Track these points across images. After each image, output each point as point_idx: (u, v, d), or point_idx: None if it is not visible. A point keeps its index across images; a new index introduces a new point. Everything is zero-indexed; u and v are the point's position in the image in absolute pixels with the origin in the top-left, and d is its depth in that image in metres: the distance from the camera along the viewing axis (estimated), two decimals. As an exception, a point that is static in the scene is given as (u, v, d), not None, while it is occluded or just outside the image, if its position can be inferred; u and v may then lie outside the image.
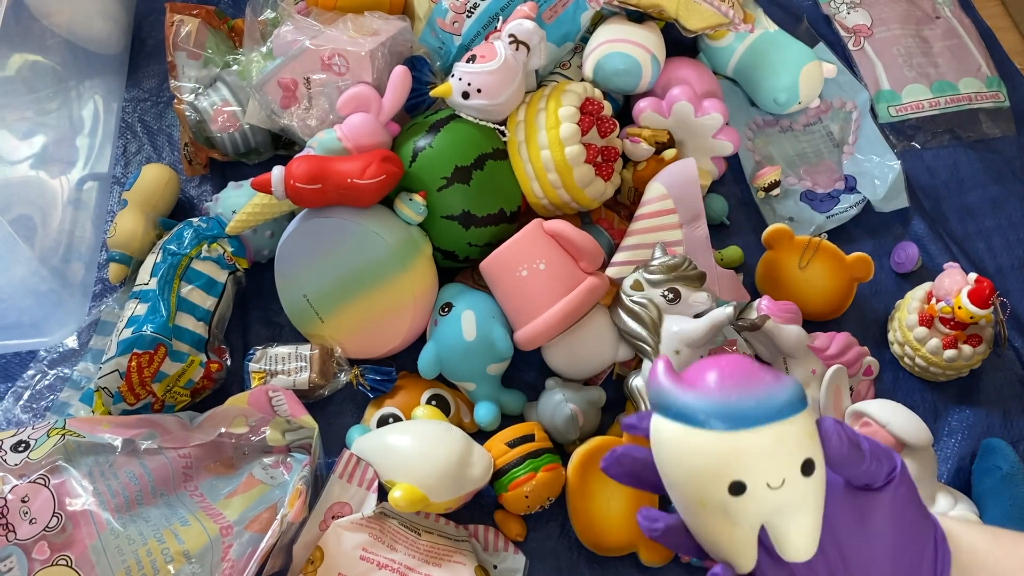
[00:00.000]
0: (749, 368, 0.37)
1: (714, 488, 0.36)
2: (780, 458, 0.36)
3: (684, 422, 0.37)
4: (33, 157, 0.73)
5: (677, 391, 0.37)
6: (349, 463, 0.62)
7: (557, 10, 0.75)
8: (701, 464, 0.36)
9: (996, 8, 1.01)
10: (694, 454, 0.37)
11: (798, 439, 0.36)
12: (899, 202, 0.80)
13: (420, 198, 0.67)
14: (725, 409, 0.36)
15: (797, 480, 0.36)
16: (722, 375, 0.37)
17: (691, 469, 0.37)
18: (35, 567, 0.52)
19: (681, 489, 0.38)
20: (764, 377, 0.37)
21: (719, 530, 0.38)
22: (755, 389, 0.36)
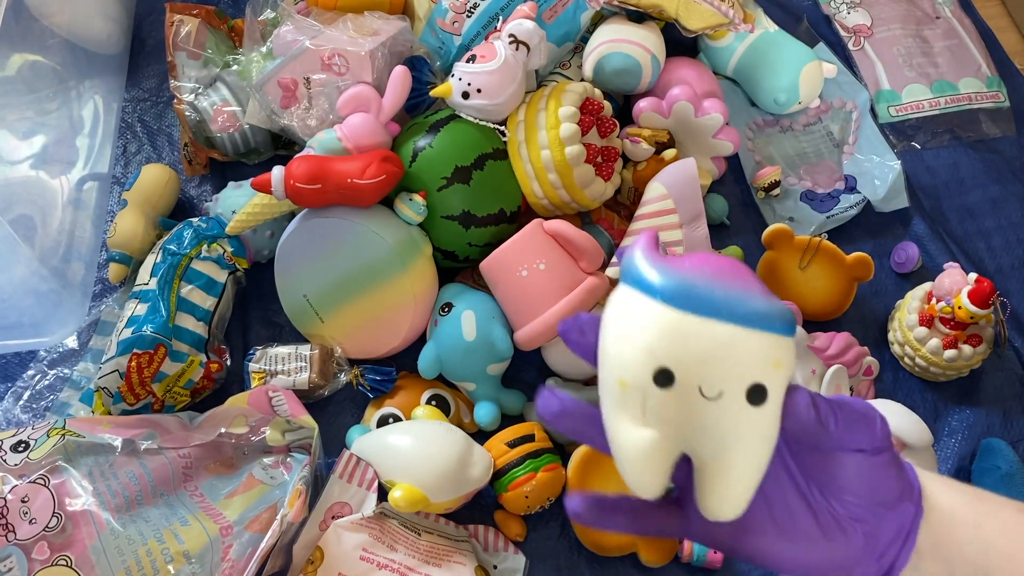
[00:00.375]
0: (742, 272, 0.31)
1: (639, 367, 0.30)
2: (724, 365, 0.30)
3: (639, 289, 0.31)
4: (33, 157, 0.73)
5: (647, 261, 0.32)
6: (349, 463, 0.62)
7: (557, 10, 0.75)
8: (635, 335, 0.30)
9: (996, 8, 1.01)
10: (633, 322, 0.31)
11: (756, 356, 0.30)
12: (899, 202, 0.80)
13: (420, 198, 0.67)
14: (685, 288, 0.30)
15: (738, 404, 0.30)
16: (706, 262, 0.31)
17: (624, 338, 0.31)
18: (35, 567, 0.52)
19: (608, 361, 0.32)
20: (752, 284, 0.31)
21: (628, 428, 0.31)
22: (732, 285, 0.30)
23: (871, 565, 0.34)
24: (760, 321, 0.30)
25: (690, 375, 0.30)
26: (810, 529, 0.33)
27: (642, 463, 0.31)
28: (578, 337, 0.34)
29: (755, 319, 0.30)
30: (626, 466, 0.32)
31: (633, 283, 0.31)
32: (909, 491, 0.34)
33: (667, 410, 0.31)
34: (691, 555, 0.64)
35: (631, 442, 0.31)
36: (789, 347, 0.31)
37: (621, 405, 0.31)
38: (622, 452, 0.32)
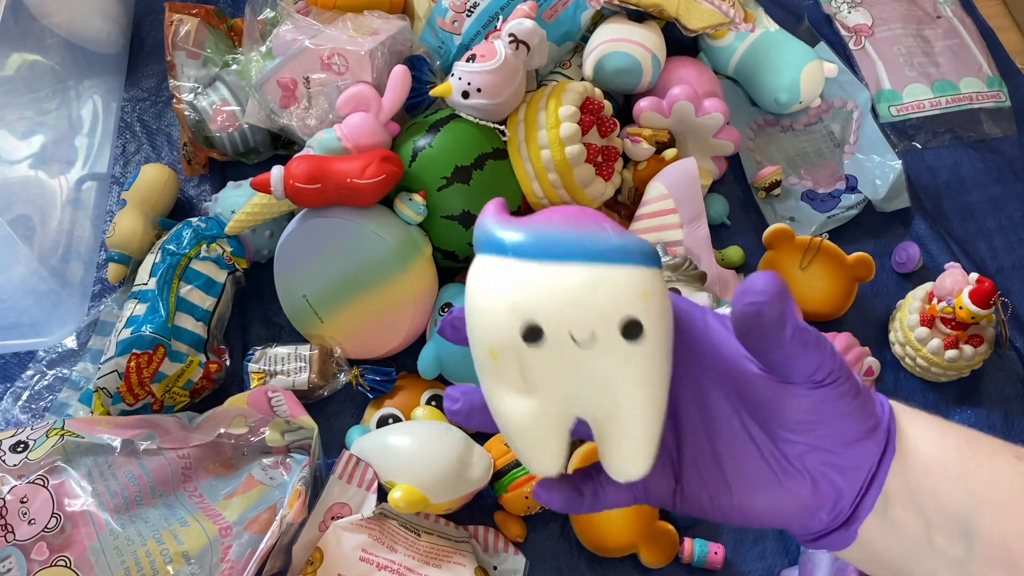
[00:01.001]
0: (594, 214, 0.29)
1: (505, 329, 0.28)
2: (590, 306, 0.28)
3: (491, 252, 0.29)
4: (32, 157, 0.73)
5: (495, 223, 0.30)
6: (349, 464, 0.62)
7: (557, 9, 0.75)
8: (495, 298, 0.28)
9: (997, 8, 1.01)
10: (490, 285, 0.29)
11: (620, 290, 0.28)
12: (900, 202, 0.80)
13: (420, 198, 0.67)
14: (534, 237, 0.28)
15: (615, 343, 0.28)
16: (553, 211, 0.29)
17: (485, 304, 0.29)
18: (34, 568, 0.52)
19: (475, 333, 0.30)
20: (604, 224, 0.29)
21: (509, 401, 0.29)
22: (582, 227, 0.28)
23: (826, 511, 0.30)
24: (616, 255, 0.28)
25: (559, 325, 0.28)
26: (761, 478, 0.31)
27: (531, 436, 0.29)
28: (453, 334, 0.32)
29: (611, 254, 0.28)
30: (516, 442, 0.30)
31: (485, 248, 0.30)
32: (874, 428, 0.30)
33: (545, 370, 0.28)
34: (691, 556, 0.64)
35: (514, 415, 0.29)
36: (654, 277, 0.29)
37: (497, 376, 0.29)
38: (508, 428, 0.30)
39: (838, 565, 0.60)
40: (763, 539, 0.66)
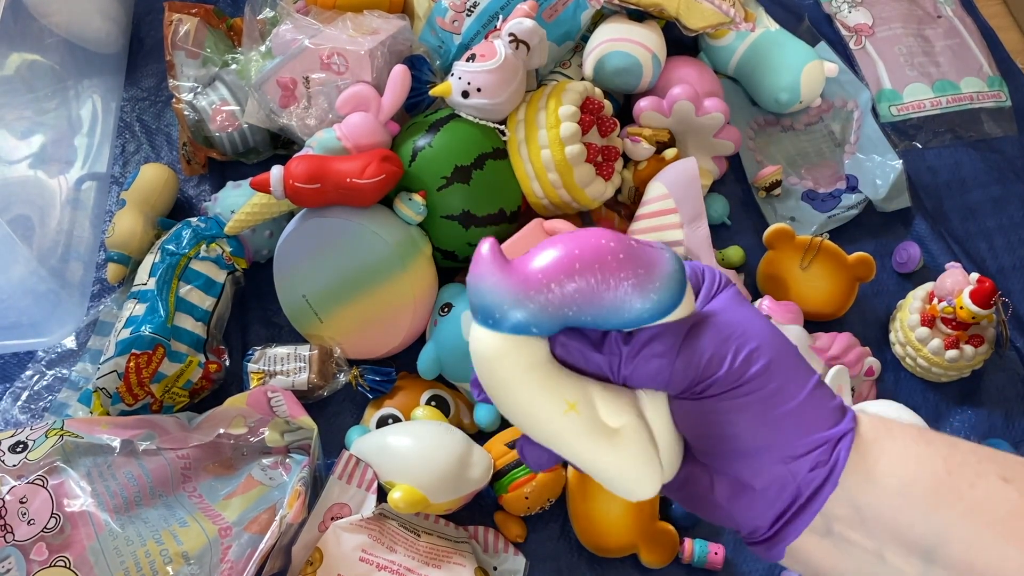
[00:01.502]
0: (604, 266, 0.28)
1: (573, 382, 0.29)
2: None
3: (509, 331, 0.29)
4: (31, 157, 0.73)
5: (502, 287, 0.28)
6: (348, 464, 0.62)
7: (557, 9, 0.75)
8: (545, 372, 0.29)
9: (998, 7, 1.01)
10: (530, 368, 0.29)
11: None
12: (901, 202, 0.80)
13: (420, 198, 0.67)
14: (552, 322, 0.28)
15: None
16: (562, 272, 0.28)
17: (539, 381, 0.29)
18: (33, 568, 0.52)
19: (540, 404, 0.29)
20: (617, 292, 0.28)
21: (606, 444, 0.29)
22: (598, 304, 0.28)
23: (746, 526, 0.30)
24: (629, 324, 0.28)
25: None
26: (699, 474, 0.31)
27: (643, 457, 0.30)
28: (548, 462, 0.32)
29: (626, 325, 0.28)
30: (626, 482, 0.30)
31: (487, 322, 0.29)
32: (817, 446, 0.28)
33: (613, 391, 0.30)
34: (692, 556, 0.63)
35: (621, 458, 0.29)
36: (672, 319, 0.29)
37: (580, 429, 0.29)
38: (616, 473, 0.30)
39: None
40: (763, 539, 0.66)
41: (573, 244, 0.28)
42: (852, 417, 0.30)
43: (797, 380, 0.29)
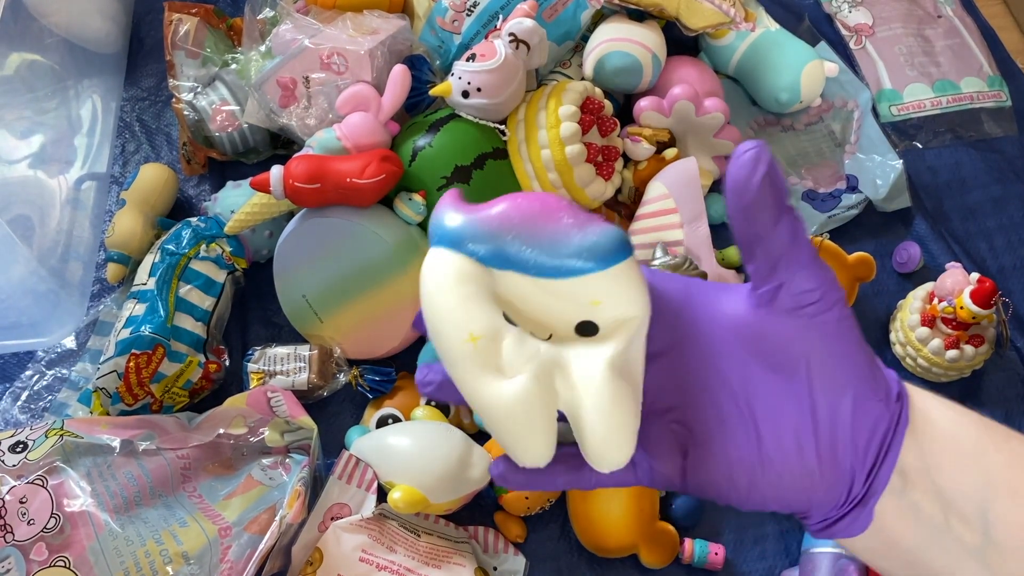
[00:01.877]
0: (553, 211, 0.29)
1: (487, 314, 0.29)
2: (542, 312, 0.30)
3: (451, 248, 0.30)
4: (31, 157, 0.73)
5: (450, 214, 0.30)
6: (348, 464, 0.62)
7: (557, 9, 0.75)
8: (466, 289, 0.29)
9: (998, 7, 1.01)
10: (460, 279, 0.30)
11: (570, 302, 0.29)
12: (901, 202, 0.80)
13: (420, 198, 0.67)
14: (491, 248, 0.29)
15: (572, 339, 0.30)
16: (513, 210, 0.29)
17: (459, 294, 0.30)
18: (33, 568, 0.52)
19: (449, 323, 0.30)
20: (561, 224, 0.29)
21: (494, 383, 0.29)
22: (537, 234, 0.29)
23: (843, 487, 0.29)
24: (566, 270, 0.29)
25: (520, 323, 0.30)
26: (776, 454, 0.29)
27: (522, 418, 0.29)
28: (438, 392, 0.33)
29: (562, 270, 0.29)
30: (505, 426, 0.29)
31: (446, 243, 0.30)
32: (886, 395, 0.29)
33: (528, 348, 0.29)
34: (692, 556, 0.63)
35: (506, 395, 0.29)
36: (610, 278, 0.29)
37: (476, 362, 0.29)
38: (501, 411, 0.29)
39: (839, 565, 0.60)
40: (763, 540, 0.66)
41: (525, 194, 0.30)
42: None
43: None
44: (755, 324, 0.30)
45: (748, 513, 0.67)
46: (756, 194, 0.27)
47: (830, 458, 0.29)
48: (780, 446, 0.30)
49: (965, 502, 0.28)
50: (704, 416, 0.31)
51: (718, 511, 0.67)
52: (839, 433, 0.29)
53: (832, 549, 0.61)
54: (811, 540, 0.63)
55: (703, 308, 0.31)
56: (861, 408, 0.29)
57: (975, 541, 0.28)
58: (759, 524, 0.67)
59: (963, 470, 0.29)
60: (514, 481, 0.32)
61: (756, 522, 0.67)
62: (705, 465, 0.31)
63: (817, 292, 0.29)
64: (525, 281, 0.29)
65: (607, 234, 0.29)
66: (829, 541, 0.61)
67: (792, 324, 0.29)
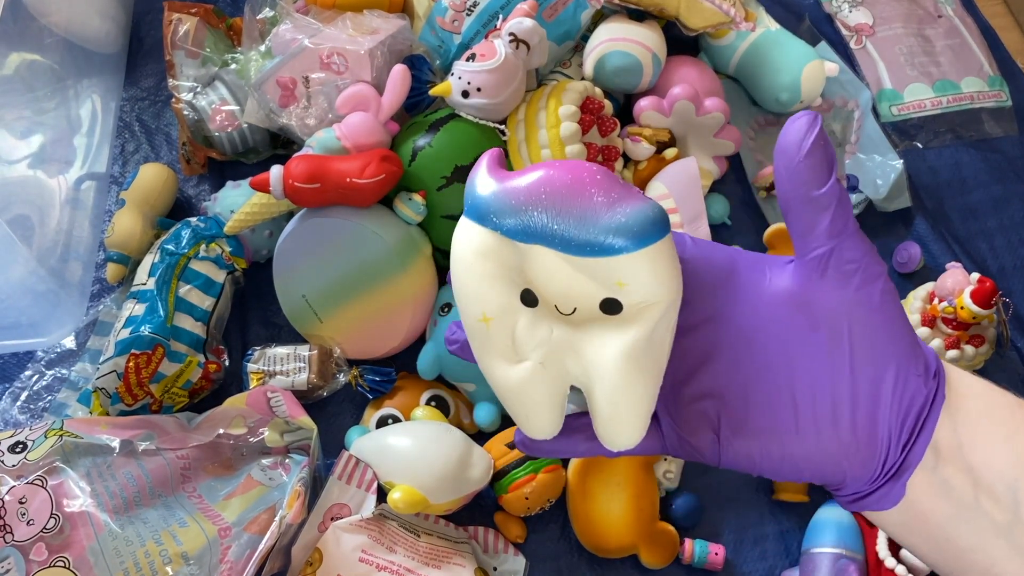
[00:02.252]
0: (586, 186, 0.29)
1: (503, 294, 0.30)
2: (568, 287, 0.29)
3: (479, 222, 0.30)
4: (31, 156, 0.73)
5: (483, 181, 0.30)
6: (348, 464, 0.62)
7: (557, 8, 0.75)
8: (484, 266, 0.30)
9: (998, 7, 1.01)
10: (479, 255, 0.30)
11: (597, 279, 0.29)
12: (901, 202, 0.80)
13: (420, 197, 0.67)
14: (520, 224, 0.29)
15: (596, 316, 0.30)
16: (545, 183, 0.29)
17: (477, 271, 0.30)
18: (33, 568, 0.52)
19: (468, 298, 0.30)
20: (594, 200, 0.28)
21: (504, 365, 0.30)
22: (569, 210, 0.28)
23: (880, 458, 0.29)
24: (595, 249, 0.28)
25: (545, 298, 0.30)
26: (813, 422, 0.29)
27: (526, 398, 0.30)
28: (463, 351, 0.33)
29: (591, 248, 0.28)
30: (515, 406, 0.30)
31: (475, 217, 0.30)
32: (924, 370, 0.29)
33: (538, 332, 0.30)
34: (692, 556, 0.63)
35: (508, 380, 0.30)
36: (639, 259, 0.28)
37: (490, 342, 0.30)
38: (506, 392, 0.30)
39: (839, 565, 0.60)
40: (764, 540, 0.66)
41: (560, 163, 0.30)
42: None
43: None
44: (800, 294, 0.30)
45: (748, 513, 0.67)
46: (807, 154, 0.28)
47: (868, 431, 0.29)
48: (817, 417, 0.29)
49: (996, 480, 0.28)
50: (741, 387, 0.31)
51: (718, 511, 0.67)
52: (879, 406, 0.29)
53: (832, 549, 0.61)
54: (811, 540, 0.63)
55: (747, 278, 0.31)
56: (901, 382, 0.29)
57: (1004, 519, 0.28)
58: (759, 524, 0.67)
59: (995, 448, 0.29)
60: (534, 447, 0.32)
61: (756, 522, 0.67)
62: (741, 435, 0.31)
63: (863, 262, 0.29)
64: (552, 255, 0.29)
65: (641, 213, 0.28)
66: (828, 541, 0.61)
67: (838, 295, 0.29)
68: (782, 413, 0.30)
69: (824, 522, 0.63)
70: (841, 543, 0.61)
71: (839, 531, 0.61)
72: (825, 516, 0.63)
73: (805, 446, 0.30)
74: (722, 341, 0.31)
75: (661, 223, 0.28)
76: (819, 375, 0.30)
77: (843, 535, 0.61)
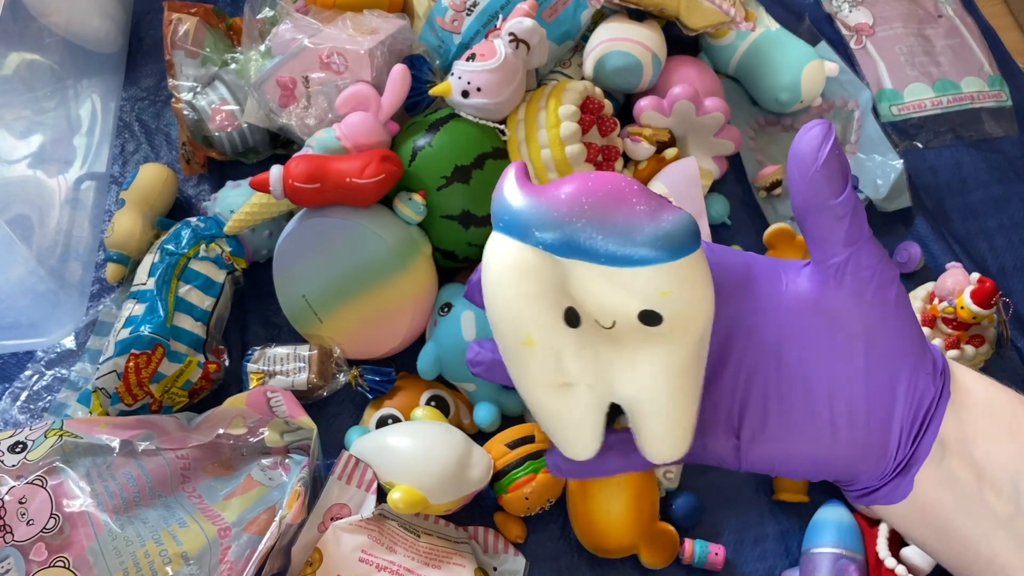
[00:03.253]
0: (624, 196, 0.28)
1: (545, 315, 0.29)
2: (609, 300, 0.29)
3: (514, 236, 0.29)
4: (30, 156, 0.73)
5: (516, 195, 0.29)
6: (348, 464, 0.62)
7: (557, 8, 0.75)
8: (527, 285, 0.29)
9: (998, 7, 1.01)
10: (519, 272, 0.29)
11: (638, 290, 0.29)
12: (901, 202, 0.80)
13: (419, 197, 0.67)
14: (560, 236, 0.28)
15: (635, 327, 0.29)
16: (583, 194, 0.28)
17: (518, 291, 0.29)
18: (33, 568, 0.52)
19: (506, 321, 0.29)
20: (634, 210, 0.28)
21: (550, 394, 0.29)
22: (609, 220, 0.28)
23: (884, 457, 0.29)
24: (637, 259, 0.28)
25: (586, 313, 0.29)
26: (830, 424, 0.30)
27: (569, 422, 0.30)
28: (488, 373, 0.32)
29: (634, 259, 0.28)
30: (558, 430, 0.30)
31: (509, 231, 0.29)
32: (932, 365, 0.30)
33: (584, 354, 0.29)
34: (692, 557, 0.63)
35: (552, 404, 0.29)
36: (679, 269, 0.28)
37: (535, 367, 0.29)
38: (550, 416, 0.30)
39: (839, 566, 0.60)
40: (763, 540, 0.66)
41: (594, 174, 0.29)
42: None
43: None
44: (818, 300, 0.30)
45: (748, 513, 0.67)
46: (824, 164, 0.28)
47: (882, 430, 0.30)
48: (835, 419, 0.30)
49: (999, 473, 0.29)
50: (761, 392, 0.31)
51: (718, 511, 0.67)
52: (895, 406, 0.30)
53: (832, 549, 0.61)
54: (811, 540, 0.63)
55: (764, 284, 0.32)
56: (913, 382, 0.30)
57: (1006, 511, 0.29)
58: (759, 524, 0.67)
59: (998, 442, 0.29)
60: (567, 470, 0.32)
61: (756, 522, 0.67)
62: (761, 440, 0.31)
63: (878, 268, 0.29)
64: (592, 269, 0.28)
65: (680, 223, 0.28)
66: (828, 541, 0.61)
67: (855, 301, 0.30)
68: (801, 416, 0.30)
69: (824, 522, 0.63)
70: (841, 543, 0.61)
71: (839, 531, 0.61)
72: (825, 516, 0.63)
73: (823, 447, 0.30)
74: (741, 346, 0.31)
75: (697, 231, 0.29)
76: (837, 378, 0.30)
77: (843, 535, 0.61)
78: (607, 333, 0.29)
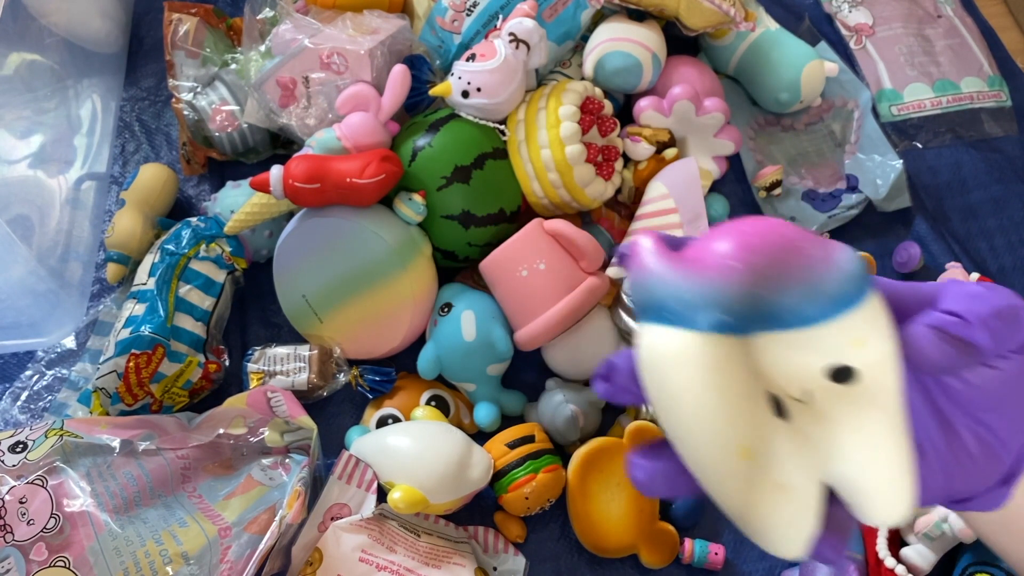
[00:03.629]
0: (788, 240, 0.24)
1: (753, 416, 0.24)
2: (799, 370, 0.25)
3: (675, 324, 0.24)
4: (31, 156, 0.73)
5: (670, 275, 0.24)
6: (348, 464, 0.62)
7: (557, 8, 0.75)
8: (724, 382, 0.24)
9: (998, 7, 1.01)
10: (708, 371, 0.24)
11: (830, 349, 0.25)
12: (901, 202, 0.79)
13: (420, 198, 0.67)
14: (733, 310, 0.24)
15: (830, 389, 0.25)
16: (748, 249, 0.24)
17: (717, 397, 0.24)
18: (33, 568, 0.52)
19: (707, 435, 0.24)
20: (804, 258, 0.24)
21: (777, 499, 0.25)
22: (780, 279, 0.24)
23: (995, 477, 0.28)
24: (822, 313, 0.24)
25: (778, 389, 0.25)
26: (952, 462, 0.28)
27: (796, 526, 0.25)
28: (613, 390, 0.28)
29: (817, 315, 0.24)
30: (775, 535, 0.25)
31: (666, 319, 0.24)
32: None
33: (806, 448, 0.25)
34: (692, 556, 0.63)
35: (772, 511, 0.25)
36: (865, 314, 0.24)
37: (750, 478, 0.24)
38: (768, 527, 0.25)
39: (839, 566, 0.60)
40: (764, 540, 0.66)
41: (744, 226, 0.25)
42: None
43: None
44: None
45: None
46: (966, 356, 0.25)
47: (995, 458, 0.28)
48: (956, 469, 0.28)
49: None
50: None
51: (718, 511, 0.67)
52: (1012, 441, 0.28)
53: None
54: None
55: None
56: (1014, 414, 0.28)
57: None
58: (759, 524, 0.67)
59: None
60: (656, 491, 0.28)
61: (756, 522, 0.67)
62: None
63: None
64: (774, 339, 0.24)
65: (855, 258, 0.24)
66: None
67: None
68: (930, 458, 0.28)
69: (824, 522, 0.63)
70: (841, 543, 0.61)
71: (839, 531, 0.61)
72: (825, 516, 0.63)
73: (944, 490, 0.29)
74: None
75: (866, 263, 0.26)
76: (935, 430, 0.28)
77: (843, 535, 0.61)
78: (810, 411, 0.25)
